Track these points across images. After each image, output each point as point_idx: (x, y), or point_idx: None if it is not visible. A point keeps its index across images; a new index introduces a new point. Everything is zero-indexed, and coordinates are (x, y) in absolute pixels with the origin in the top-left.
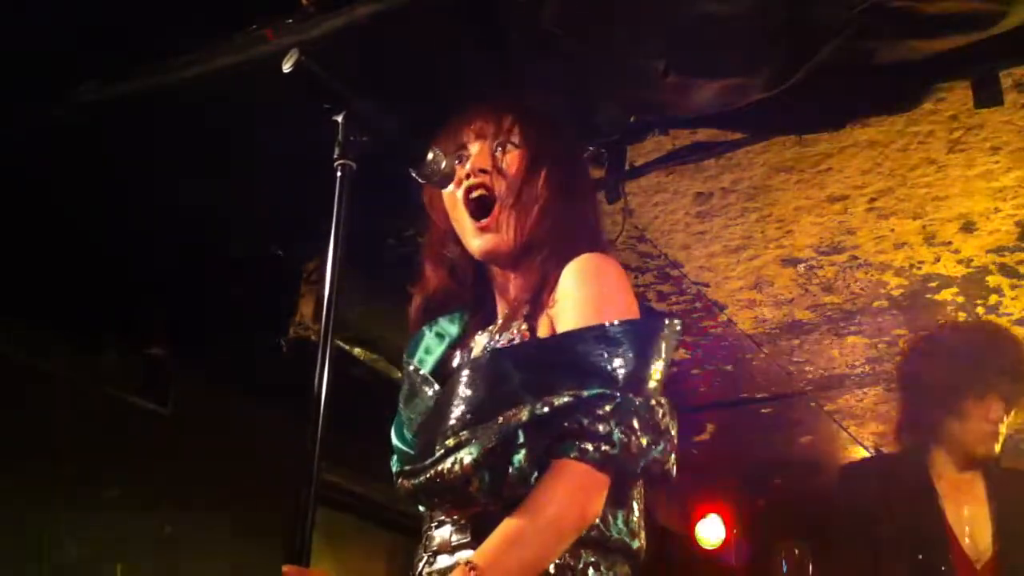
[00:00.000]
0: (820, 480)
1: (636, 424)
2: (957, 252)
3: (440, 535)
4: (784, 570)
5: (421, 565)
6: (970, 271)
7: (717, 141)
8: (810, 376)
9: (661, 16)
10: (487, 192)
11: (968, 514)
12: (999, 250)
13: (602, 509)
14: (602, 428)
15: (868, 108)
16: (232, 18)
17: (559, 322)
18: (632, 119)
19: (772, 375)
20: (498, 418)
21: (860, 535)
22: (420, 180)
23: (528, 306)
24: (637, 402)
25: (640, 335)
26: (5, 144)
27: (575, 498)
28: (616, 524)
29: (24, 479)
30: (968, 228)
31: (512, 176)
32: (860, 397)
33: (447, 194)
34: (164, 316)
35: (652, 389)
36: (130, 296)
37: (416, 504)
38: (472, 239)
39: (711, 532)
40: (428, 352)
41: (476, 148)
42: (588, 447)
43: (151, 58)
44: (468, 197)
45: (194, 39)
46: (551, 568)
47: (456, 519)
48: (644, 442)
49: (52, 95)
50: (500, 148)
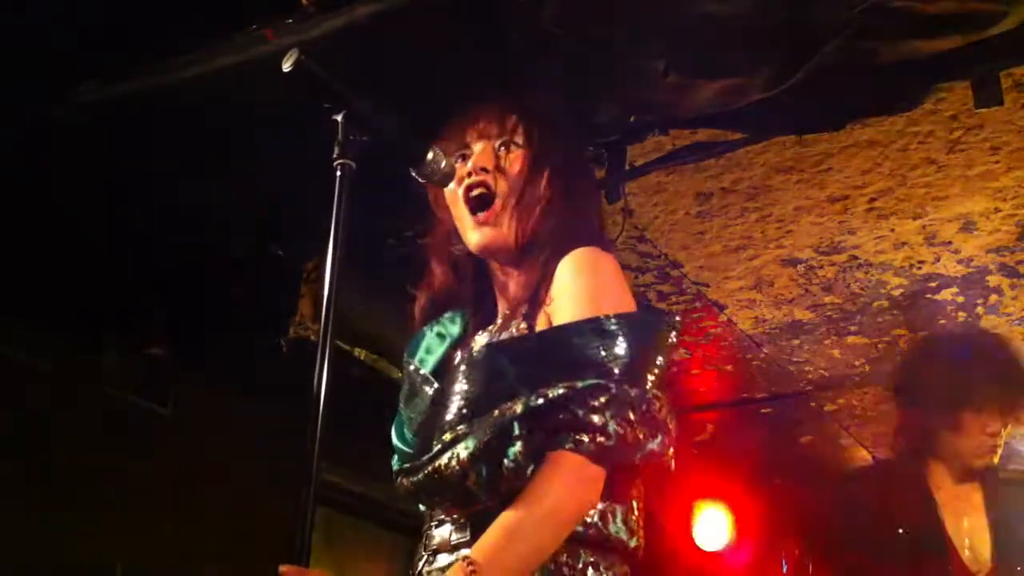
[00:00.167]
0: (820, 481)
1: (632, 416)
2: (957, 252)
3: (440, 534)
4: (784, 570)
5: (421, 564)
6: (970, 271)
7: (717, 141)
8: (810, 376)
9: (661, 16)
10: (487, 190)
11: (968, 525)
12: (999, 250)
13: (599, 503)
14: (597, 419)
15: (868, 108)
16: (232, 18)
17: (556, 317)
18: (632, 119)
19: (772, 375)
20: (494, 412)
21: (860, 537)
22: (420, 180)
23: (527, 305)
24: (633, 394)
25: (636, 328)
26: (5, 144)
27: (571, 490)
28: (615, 523)
29: (24, 479)
30: (968, 228)
31: (515, 176)
32: (860, 397)
33: (449, 191)
34: (164, 316)
35: (649, 381)
36: (130, 296)
37: (416, 503)
38: (470, 233)
39: (711, 532)
40: (429, 352)
41: (479, 147)
42: (584, 438)
43: (151, 58)
44: (468, 195)
45: (194, 39)
46: (550, 567)
47: (456, 518)
48: (640, 434)
49: (52, 95)
50: (503, 148)
